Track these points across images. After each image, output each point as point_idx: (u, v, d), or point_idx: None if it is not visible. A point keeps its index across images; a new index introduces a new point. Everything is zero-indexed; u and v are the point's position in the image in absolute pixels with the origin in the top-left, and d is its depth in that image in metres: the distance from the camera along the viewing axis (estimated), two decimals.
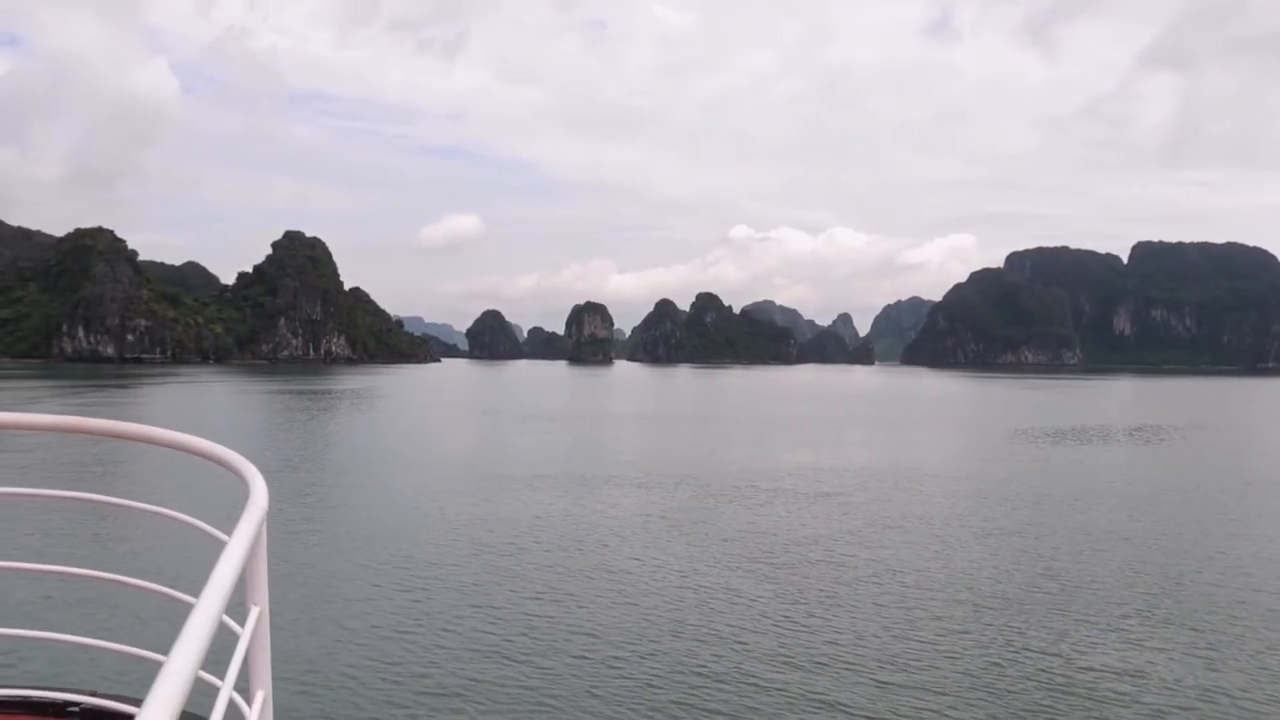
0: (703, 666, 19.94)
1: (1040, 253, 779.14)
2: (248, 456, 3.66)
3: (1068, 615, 24.09)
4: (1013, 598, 25.89)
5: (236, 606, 2.51)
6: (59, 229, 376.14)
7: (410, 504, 40.87)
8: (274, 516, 3.49)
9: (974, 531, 35.77)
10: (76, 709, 4.29)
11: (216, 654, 2.11)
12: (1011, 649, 21.28)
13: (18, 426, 4.39)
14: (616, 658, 20.50)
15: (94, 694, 4.41)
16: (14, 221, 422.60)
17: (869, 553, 31.64)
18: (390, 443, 69.08)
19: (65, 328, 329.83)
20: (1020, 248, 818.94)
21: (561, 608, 24.57)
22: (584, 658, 20.49)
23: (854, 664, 20.09)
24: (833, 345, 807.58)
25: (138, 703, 3.86)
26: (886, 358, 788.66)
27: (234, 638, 2.96)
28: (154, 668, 3.52)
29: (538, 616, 23.72)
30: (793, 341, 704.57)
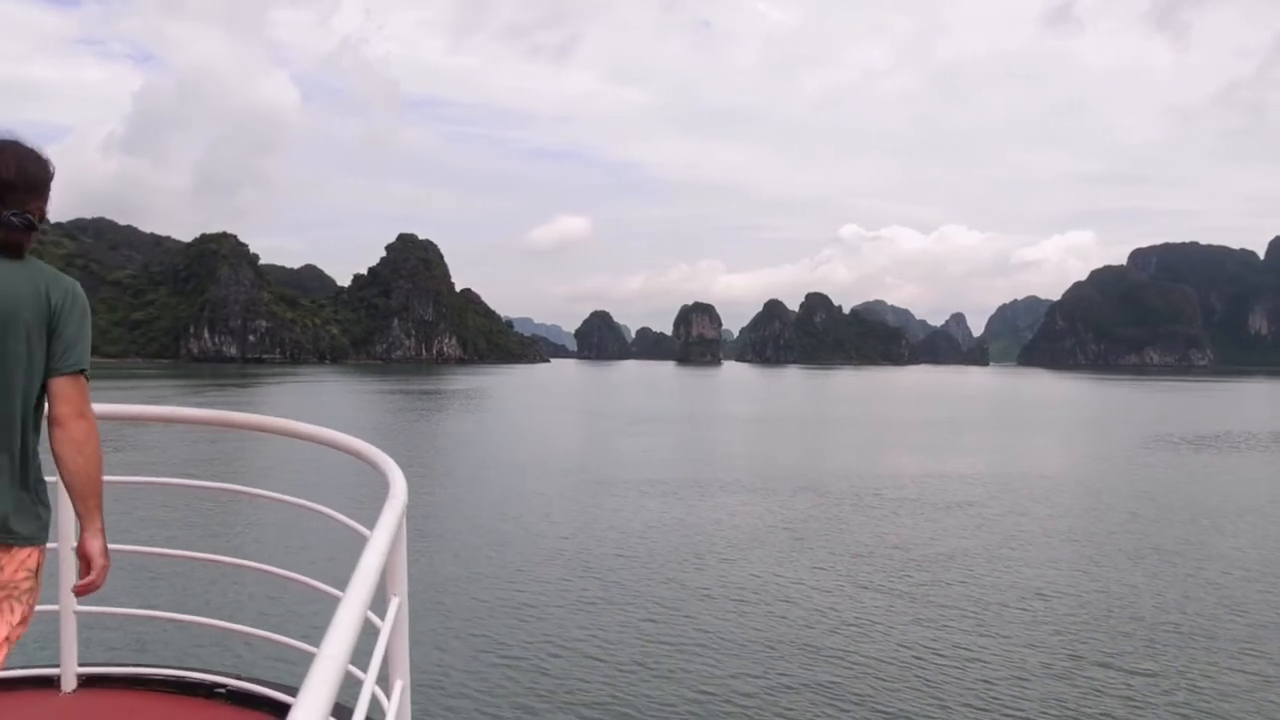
0: (841, 715, 17.61)
1: (1167, 249, 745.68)
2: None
3: (1263, 658, 20.93)
4: (1189, 632, 22.81)
5: (376, 597, 2.55)
6: (188, 235, 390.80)
7: (519, 507, 39.31)
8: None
9: (1126, 551, 32.49)
10: (224, 690, 4.54)
11: (357, 643, 2.13)
12: (1203, 700, 18.34)
13: (167, 419, 4.87)
14: (744, 695, 18.32)
15: (239, 677, 4.64)
16: (147, 229, 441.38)
17: (1013, 574, 28.77)
18: (501, 443, 68.11)
19: (192, 329, 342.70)
20: (1145, 244, 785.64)
21: (679, 629, 22.45)
22: (705, 695, 18.37)
23: (1017, 713, 17.51)
24: (946, 346, 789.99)
25: (280, 687, 4.49)
26: (1002, 359, 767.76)
27: (373, 627, 2.98)
28: (292, 653, 4.34)
29: (652, 638, 21.67)
30: (904, 342, 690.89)
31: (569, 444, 70.97)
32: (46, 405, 3.53)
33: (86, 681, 4.54)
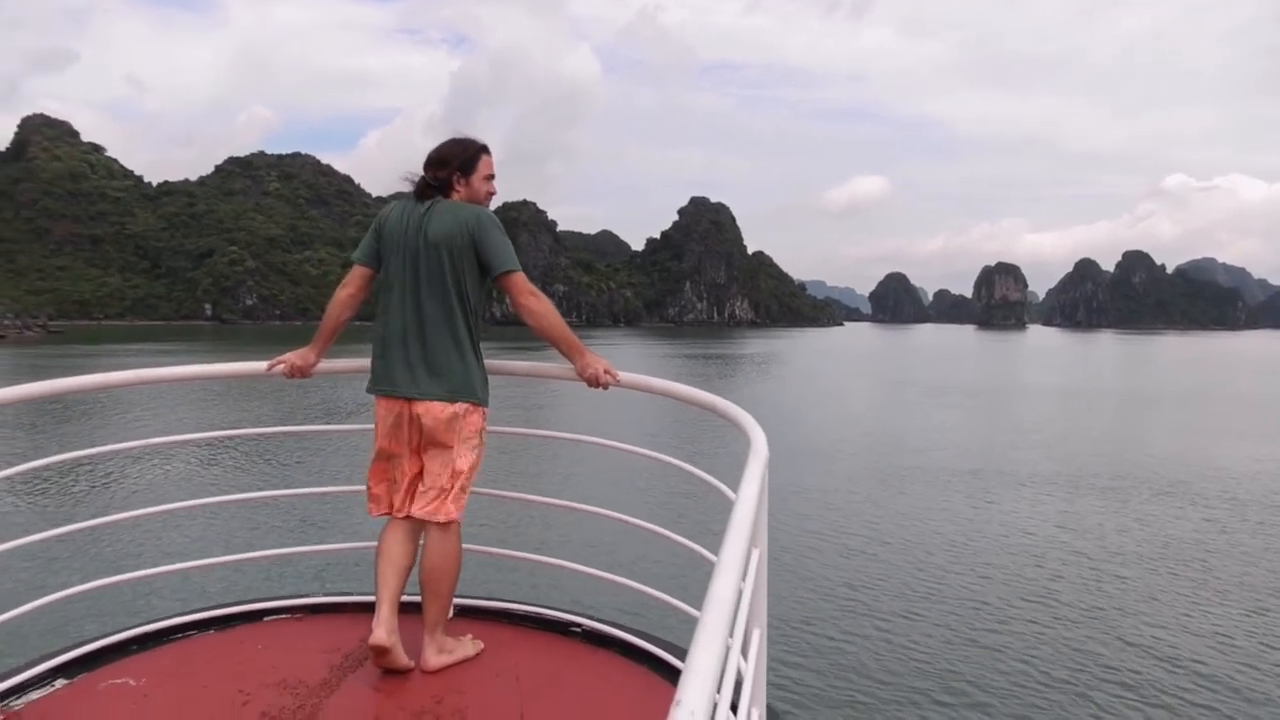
0: None
1: None
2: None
3: None
4: None
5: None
6: (497, 205, 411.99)
7: (813, 489, 33.88)
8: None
9: None
10: (578, 629, 5.00)
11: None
12: None
13: (521, 373, 5.25)
14: None
15: (591, 617, 5.05)
16: None
17: None
18: (796, 414, 62.92)
19: (495, 294, 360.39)
20: None
21: (1027, 660, 16.44)
22: None
23: None
24: None
25: (628, 629, 4.94)
26: None
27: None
28: (639, 597, 4.99)
29: (1011, 658, 15.82)
30: (1241, 304, 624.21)
31: (870, 418, 64.47)
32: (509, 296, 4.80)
33: (461, 611, 5.05)
